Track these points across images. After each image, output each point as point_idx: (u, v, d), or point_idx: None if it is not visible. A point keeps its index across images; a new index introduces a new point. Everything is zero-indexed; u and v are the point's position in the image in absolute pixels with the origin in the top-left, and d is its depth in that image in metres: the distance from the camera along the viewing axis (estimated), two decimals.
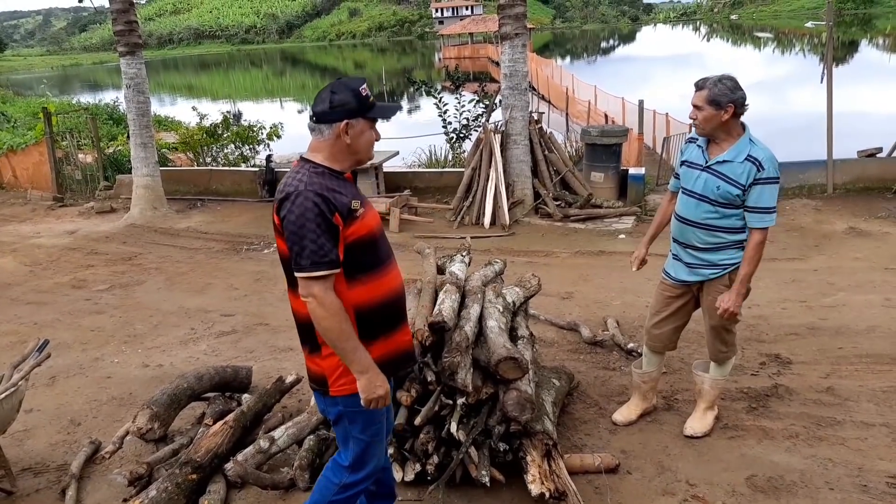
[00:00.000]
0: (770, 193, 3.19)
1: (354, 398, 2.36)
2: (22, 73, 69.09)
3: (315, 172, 2.30)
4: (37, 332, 5.64)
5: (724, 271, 3.37)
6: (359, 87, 2.32)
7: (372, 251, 2.39)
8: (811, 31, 55.42)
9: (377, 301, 2.39)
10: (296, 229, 2.22)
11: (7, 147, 12.97)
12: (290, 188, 2.26)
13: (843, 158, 8.97)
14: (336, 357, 2.34)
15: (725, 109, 3.15)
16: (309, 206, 2.21)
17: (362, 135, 2.35)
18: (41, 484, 3.58)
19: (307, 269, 2.22)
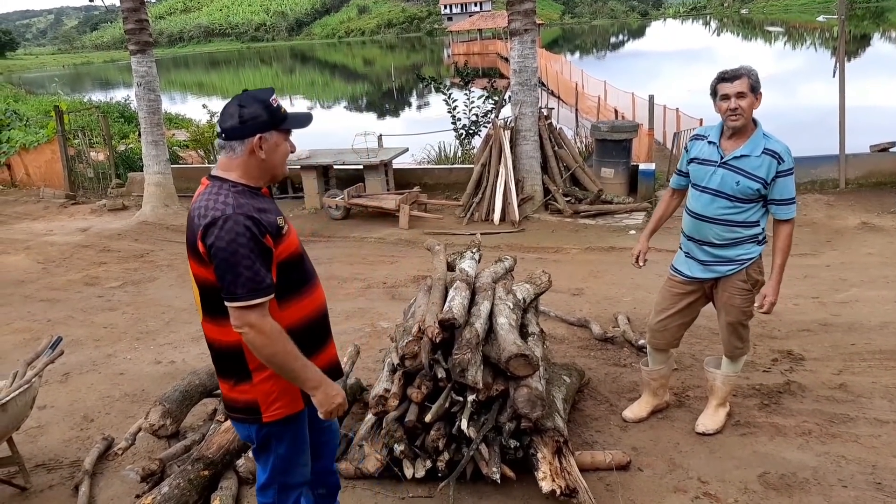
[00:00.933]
0: (792, 184, 3.25)
1: (289, 419, 2.32)
2: (34, 72, 69.54)
3: (237, 192, 2.15)
4: (50, 329, 5.69)
5: (741, 266, 3.35)
6: (268, 98, 2.20)
7: (300, 269, 2.31)
8: (823, 25, 54.91)
9: (307, 320, 2.32)
10: (227, 256, 2.06)
11: (20, 145, 13.07)
12: (215, 212, 2.08)
13: (855, 153, 8.89)
14: (270, 382, 2.25)
15: (758, 97, 3.18)
16: (240, 230, 2.06)
17: (277, 148, 2.23)
18: (55, 480, 3.61)
19: (243, 298, 2.07)
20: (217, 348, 2.29)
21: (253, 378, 2.27)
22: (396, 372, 3.31)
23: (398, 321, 4.05)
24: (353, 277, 6.85)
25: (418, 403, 3.18)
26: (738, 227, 3.30)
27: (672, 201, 3.65)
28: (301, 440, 2.43)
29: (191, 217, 2.17)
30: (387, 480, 3.29)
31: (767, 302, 3.31)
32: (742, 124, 3.21)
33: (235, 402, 2.33)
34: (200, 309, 2.28)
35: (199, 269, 2.17)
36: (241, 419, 2.35)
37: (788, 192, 3.23)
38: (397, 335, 3.49)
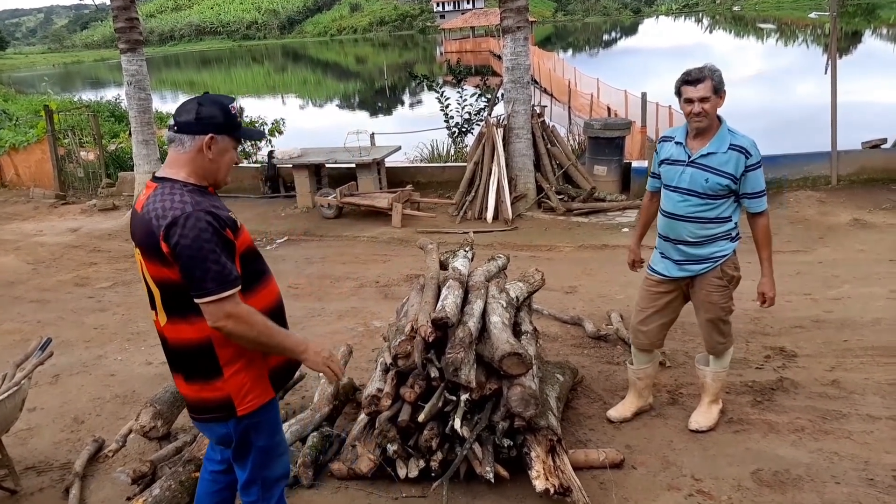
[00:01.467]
0: (762, 177, 3.29)
1: (264, 408, 2.35)
2: (24, 71, 69.12)
3: (189, 191, 2.17)
4: (40, 331, 5.65)
5: (716, 264, 3.39)
6: (229, 104, 2.25)
7: (256, 262, 2.35)
8: (815, 21, 55.15)
9: (269, 309, 2.34)
10: (194, 253, 2.07)
11: (9, 145, 12.97)
12: (174, 211, 2.09)
13: (847, 150, 8.91)
14: (241, 375, 2.27)
15: (721, 96, 3.23)
16: (203, 226, 2.08)
17: (226, 153, 2.27)
18: (45, 482, 3.59)
19: (215, 292, 2.08)
20: (183, 349, 2.27)
21: (224, 373, 2.27)
22: (389, 371, 3.30)
23: (391, 320, 4.03)
24: (346, 276, 6.83)
25: (411, 403, 3.17)
26: (711, 224, 3.33)
27: (652, 204, 3.68)
28: (277, 428, 2.46)
29: (145, 220, 2.16)
30: (380, 480, 3.28)
31: (768, 298, 3.40)
32: (706, 125, 3.26)
33: (207, 402, 2.31)
34: (162, 312, 2.26)
35: (161, 271, 2.17)
36: (215, 418, 2.33)
37: (759, 185, 3.28)
38: (390, 334, 3.47)
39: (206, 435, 2.47)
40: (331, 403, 3.75)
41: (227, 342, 2.22)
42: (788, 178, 8.84)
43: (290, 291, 6.30)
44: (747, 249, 3.42)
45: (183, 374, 2.33)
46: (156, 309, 2.29)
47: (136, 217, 2.23)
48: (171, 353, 2.33)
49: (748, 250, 3.43)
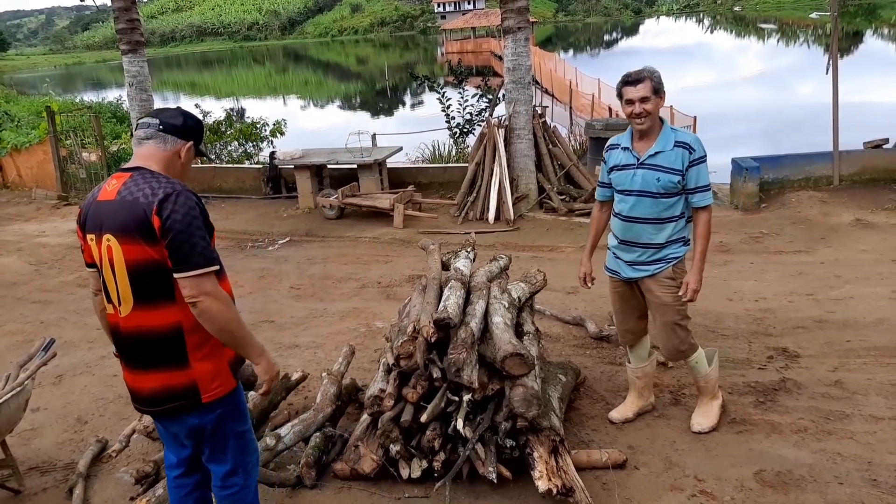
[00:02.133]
0: (705, 172, 3.33)
1: (230, 396, 2.42)
2: (25, 72, 69.20)
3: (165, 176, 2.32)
4: (43, 331, 5.66)
5: (668, 265, 3.42)
6: (202, 121, 2.52)
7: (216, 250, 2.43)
8: (816, 21, 55.12)
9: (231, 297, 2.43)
10: (184, 227, 2.18)
11: (11, 146, 12.99)
12: (166, 189, 2.22)
13: (849, 150, 8.90)
14: (208, 362, 2.33)
15: (662, 97, 3.32)
16: (192, 204, 2.23)
17: (190, 162, 2.47)
18: (48, 483, 3.59)
19: (201, 266, 2.19)
20: (148, 336, 2.30)
21: (190, 360, 2.32)
22: (392, 372, 3.30)
23: (393, 321, 4.04)
24: (348, 277, 6.83)
25: (414, 403, 3.17)
26: (667, 224, 3.36)
27: (602, 214, 3.72)
28: (248, 415, 2.57)
29: (125, 203, 2.22)
30: (383, 481, 3.28)
31: (690, 289, 3.37)
32: (648, 126, 3.32)
33: (172, 390, 2.34)
34: (127, 301, 2.28)
35: (143, 251, 2.20)
36: (180, 407, 2.36)
37: (702, 179, 3.32)
38: (392, 335, 3.48)
39: (174, 430, 2.48)
40: (333, 404, 3.75)
41: (196, 329, 2.28)
42: (790, 178, 8.84)
43: (292, 292, 6.31)
44: (751, 251, 3.41)
45: (143, 366, 2.34)
46: (115, 300, 2.31)
47: (107, 205, 2.26)
48: (131, 343, 2.34)
49: (751, 251, 3.42)
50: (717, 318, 5.10)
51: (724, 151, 10.90)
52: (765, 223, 7.72)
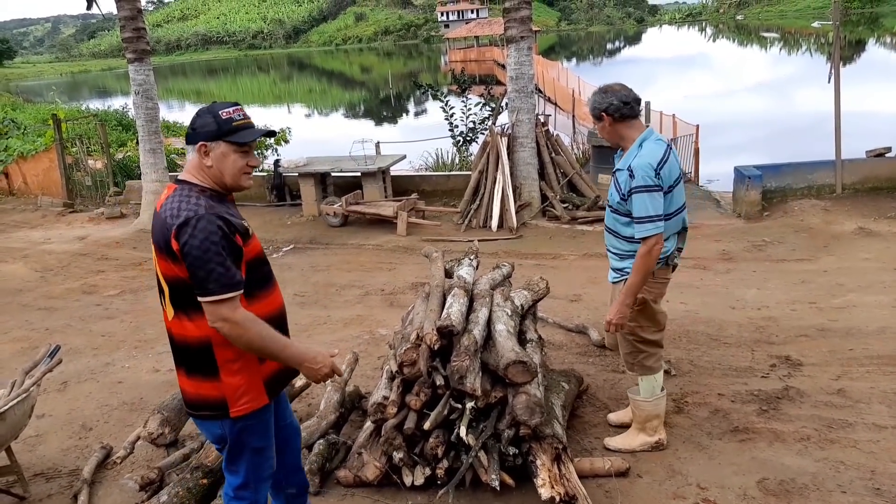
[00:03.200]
0: (639, 203, 3.09)
1: (257, 413, 2.41)
2: (31, 80, 69.57)
3: (202, 194, 2.28)
4: (48, 338, 5.68)
5: (623, 278, 3.31)
6: (220, 110, 2.30)
7: (262, 269, 2.42)
8: (818, 30, 55.22)
9: (269, 317, 2.39)
10: (200, 254, 2.16)
11: (17, 153, 13.07)
12: (188, 212, 2.20)
13: (851, 158, 8.92)
14: (237, 377, 2.34)
15: (605, 118, 3.21)
16: (213, 229, 2.18)
17: (225, 158, 2.31)
18: (53, 489, 3.60)
19: (216, 293, 2.17)
20: (185, 345, 2.35)
21: (220, 374, 2.34)
22: (395, 379, 3.31)
23: (396, 328, 4.05)
24: (351, 284, 6.85)
25: (417, 411, 3.18)
26: (623, 240, 3.28)
27: None
28: (271, 433, 2.53)
29: (161, 218, 2.27)
30: (386, 488, 3.29)
31: (606, 321, 3.26)
32: (612, 143, 3.34)
33: (204, 400, 2.38)
34: (169, 308, 2.34)
35: (171, 268, 2.25)
36: (209, 416, 2.41)
37: (636, 209, 3.10)
38: (395, 342, 3.49)
39: (204, 433, 2.54)
40: (337, 411, 3.76)
41: (226, 344, 2.29)
42: (793, 186, 8.85)
43: (296, 299, 6.33)
44: (754, 259, 3.41)
45: (185, 369, 2.40)
46: (162, 303, 2.39)
47: (155, 217, 2.33)
48: (175, 347, 2.41)
49: (754, 259, 3.42)
50: (719, 327, 5.11)
51: (726, 160, 10.92)
52: (767, 231, 7.73)
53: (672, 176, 3.17)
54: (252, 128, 2.36)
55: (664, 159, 3.13)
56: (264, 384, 2.41)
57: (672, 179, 3.17)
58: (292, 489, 2.80)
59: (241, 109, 2.35)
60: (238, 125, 2.31)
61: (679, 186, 3.24)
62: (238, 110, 2.33)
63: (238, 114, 2.32)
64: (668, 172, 3.14)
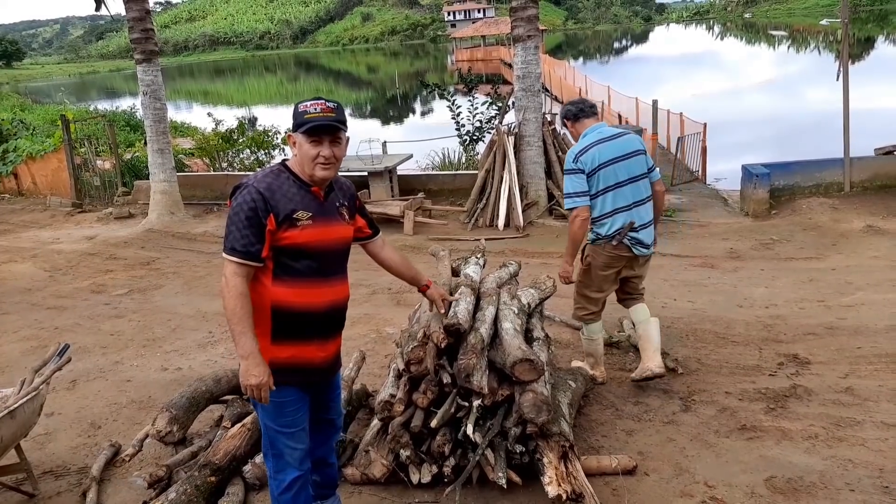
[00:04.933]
0: (566, 182, 4.00)
1: None
2: (40, 81, 70.02)
3: (273, 173, 2.50)
4: (57, 337, 5.72)
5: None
6: (301, 104, 2.48)
7: (307, 261, 2.49)
8: (826, 28, 54.95)
9: (297, 307, 2.49)
10: (229, 216, 2.43)
11: (26, 154, 13.14)
12: (244, 181, 2.47)
13: (860, 156, 8.88)
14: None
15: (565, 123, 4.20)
16: (246, 199, 2.39)
17: (301, 148, 2.48)
18: (62, 487, 3.62)
19: (225, 252, 2.42)
20: None
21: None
22: (402, 377, 3.32)
23: (403, 327, 4.06)
24: (359, 283, 6.86)
25: (424, 409, 3.18)
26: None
27: None
28: (282, 421, 2.58)
29: None
30: (393, 486, 3.29)
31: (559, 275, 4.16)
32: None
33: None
34: None
35: None
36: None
37: (564, 188, 4.03)
38: (402, 341, 3.49)
39: None
40: (344, 409, 3.77)
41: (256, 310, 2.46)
42: (801, 184, 8.82)
43: None
44: (762, 257, 3.41)
45: None
46: None
47: None
48: None
49: (762, 258, 3.42)
50: (727, 325, 5.10)
51: (734, 158, 10.89)
52: (775, 230, 7.71)
53: (595, 162, 3.85)
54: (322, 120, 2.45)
55: (586, 148, 3.89)
56: (270, 365, 2.46)
57: (594, 165, 3.84)
58: (317, 476, 2.88)
59: (321, 104, 2.46)
60: (311, 117, 2.43)
61: (607, 170, 3.85)
62: (317, 104, 2.45)
63: (315, 107, 2.44)
64: (590, 159, 3.85)
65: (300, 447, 2.63)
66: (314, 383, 2.68)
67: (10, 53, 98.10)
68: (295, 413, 2.59)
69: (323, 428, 2.82)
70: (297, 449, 2.62)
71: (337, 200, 2.62)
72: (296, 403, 2.59)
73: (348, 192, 2.72)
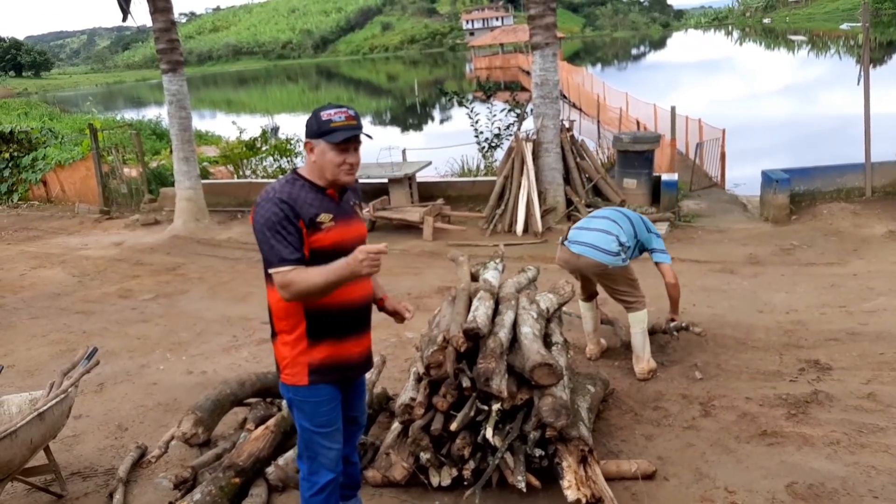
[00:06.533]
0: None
1: (299, 390, 2.59)
2: (68, 91, 71.25)
3: (288, 182, 2.52)
4: (85, 341, 5.83)
5: None
6: (322, 112, 2.48)
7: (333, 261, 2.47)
8: (847, 32, 54.21)
9: (331, 307, 2.54)
10: (259, 232, 2.44)
11: (55, 162, 13.40)
12: (264, 195, 2.48)
13: (881, 161, 8.77)
14: (286, 348, 2.58)
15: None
16: (275, 210, 2.41)
17: (324, 155, 2.48)
18: (90, 488, 3.70)
19: (272, 266, 2.43)
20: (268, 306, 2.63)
21: (277, 338, 2.63)
22: (422, 381, 3.35)
23: (423, 331, 4.10)
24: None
25: (444, 412, 3.22)
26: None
27: None
28: (319, 420, 2.63)
29: None
30: (413, 488, 3.33)
31: None
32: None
33: (275, 359, 2.67)
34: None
35: None
36: (277, 374, 2.68)
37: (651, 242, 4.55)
38: (423, 345, 3.54)
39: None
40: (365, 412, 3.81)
41: (282, 315, 2.56)
42: (821, 189, 8.73)
43: None
44: (782, 263, 3.40)
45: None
46: None
47: None
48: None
49: (782, 263, 3.41)
50: (747, 330, 5.07)
51: (753, 164, 10.81)
52: (796, 235, 7.64)
53: None
54: (351, 130, 2.47)
55: None
56: (309, 367, 2.56)
57: None
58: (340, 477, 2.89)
59: (345, 112, 2.48)
60: (336, 126, 2.45)
61: None
62: (340, 112, 2.47)
63: (339, 116, 2.46)
64: None
65: (335, 447, 2.68)
66: (350, 379, 2.75)
67: (38, 64, 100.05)
68: (331, 412, 2.65)
69: (348, 426, 2.86)
70: (332, 449, 2.67)
71: (351, 200, 2.68)
72: (332, 402, 2.64)
73: (357, 191, 2.79)
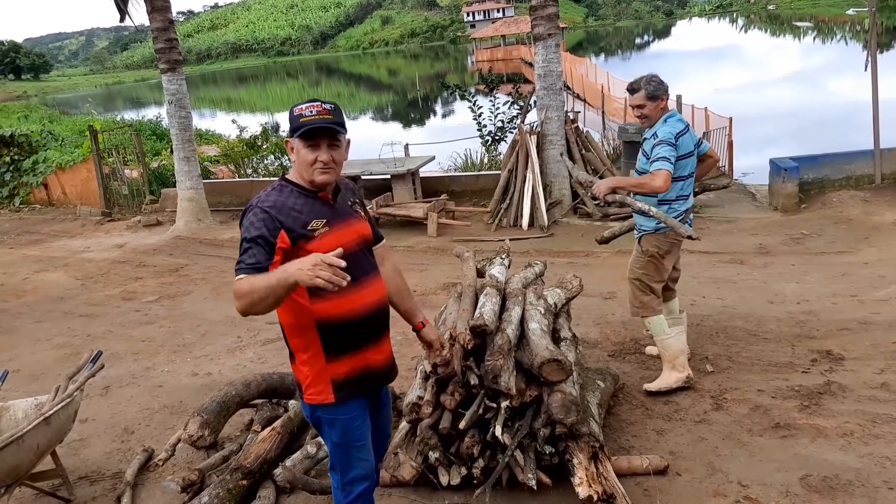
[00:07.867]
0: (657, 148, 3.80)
1: (328, 408, 2.46)
2: (67, 93, 71.34)
3: (275, 189, 2.39)
4: (90, 344, 5.82)
5: (640, 234, 4.09)
6: (296, 107, 2.35)
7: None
8: (853, 17, 53.85)
9: (341, 318, 2.40)
10: (242, 237, 2.30)
11: (56, 165, 13.39)
12: (251, 202, 2.38)
13: (890, 147, 8.68)
14: (308, 367, 2.44)
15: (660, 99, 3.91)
16: (252, 220, 2.29)
17: (298, 153, 2.36)
18: (97, 492, 3.69)
19: (236, 271, 2.23)
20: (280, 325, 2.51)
21: (296, 359, 2.49)
22: (429, 379, 3.32)
23: None
24: None
25: (452, 410, 3.18)
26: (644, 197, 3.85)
27: None
28: (354, 433, 2.52)
29: None
30: (422, 488, 3.30)
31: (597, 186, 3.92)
32: (647, 125, 3.99)
33: (294, 379, 2.56)
34: None
35: None
36: (299, 396, 2.61)
37: (655, 152, 3.79)
38: None
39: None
40: None
41: (294, 332, 2.44)
42: (830, 177, 8.65)
43: None
44: (792, 252, 3.35)
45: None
46: None
47: None
48: None
49: (792, 252, 3.36)
50: (758, 322, 5.02)
51: (761, 152, 10.72)
52: (805, 224, 7.57)
53: (687, 148, 3.88)
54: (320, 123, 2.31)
55: (682, 132, 3.87)
56: (332, 383, 2.44)
57: (685, 151, 3.86)
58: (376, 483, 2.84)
59: (317, 106, 2.32)
60: (306, 121, 2.30)
61: (691, 159, 3.92)
62: (312, 107, 2.32)
63: (310, 110, 2.31)
64: (684, 144, 3.86)
65: (371, 458, 2.61)
66: (376, 388, 2.64)
67: (37, 66, 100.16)
68: (362, 426, 2.54)
69: (375, 437, 2.70)
70: (367, 460, 2.58)
71: (348, 199, 2.54)
72: (362, 416, 2.53)
73: (353, 189, 2.66)
